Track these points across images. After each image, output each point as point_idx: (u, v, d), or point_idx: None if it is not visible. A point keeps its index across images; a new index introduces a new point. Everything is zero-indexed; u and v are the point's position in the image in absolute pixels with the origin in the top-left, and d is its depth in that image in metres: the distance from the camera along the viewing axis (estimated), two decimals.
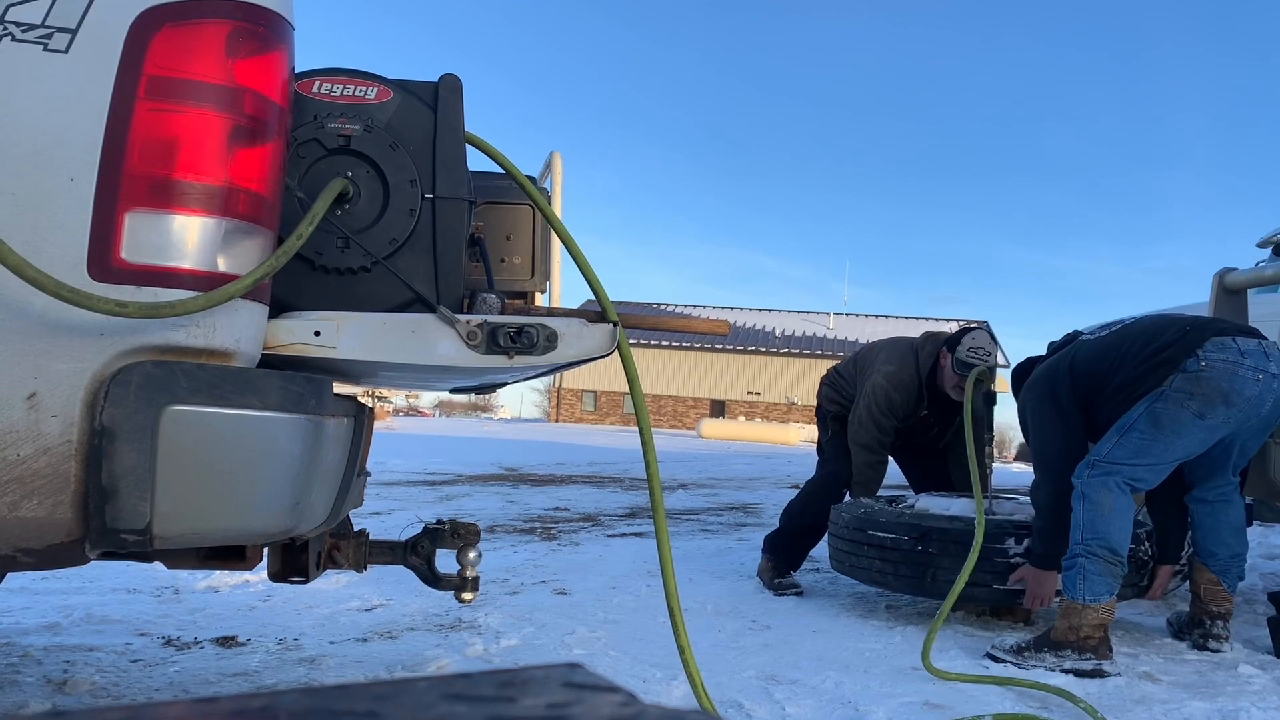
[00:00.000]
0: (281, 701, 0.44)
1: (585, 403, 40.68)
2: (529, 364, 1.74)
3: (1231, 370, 2.97)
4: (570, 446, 17.47)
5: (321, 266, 1.73)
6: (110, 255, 1.39)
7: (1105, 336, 3.33)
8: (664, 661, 2.81)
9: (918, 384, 4.23)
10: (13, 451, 1.36)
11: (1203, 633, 3.29)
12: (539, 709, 0.44)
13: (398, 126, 1.78)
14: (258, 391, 1.44)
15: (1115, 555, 2.99)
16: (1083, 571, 2.99)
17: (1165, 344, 3.08)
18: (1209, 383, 2.96)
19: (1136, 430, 3.05)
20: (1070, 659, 2.91)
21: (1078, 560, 3.01)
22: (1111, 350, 3.24)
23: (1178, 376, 3.00)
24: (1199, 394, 2.97)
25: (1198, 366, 2.98)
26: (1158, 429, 3.02)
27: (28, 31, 1.39)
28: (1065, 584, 3.04)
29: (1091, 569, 2.98)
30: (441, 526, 2.31)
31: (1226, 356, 2.98)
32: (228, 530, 1.49)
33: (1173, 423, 3.00)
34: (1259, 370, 3.00)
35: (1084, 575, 2.98)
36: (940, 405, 4.26)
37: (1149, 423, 3.03)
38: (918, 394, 4.23)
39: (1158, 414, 3.02)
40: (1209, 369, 2.97)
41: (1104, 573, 2.98)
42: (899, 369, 4.24)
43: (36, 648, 2.69)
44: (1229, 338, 3.03)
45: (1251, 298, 4.23)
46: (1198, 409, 2.98)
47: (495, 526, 5.85)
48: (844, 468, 4.29)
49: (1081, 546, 3.01)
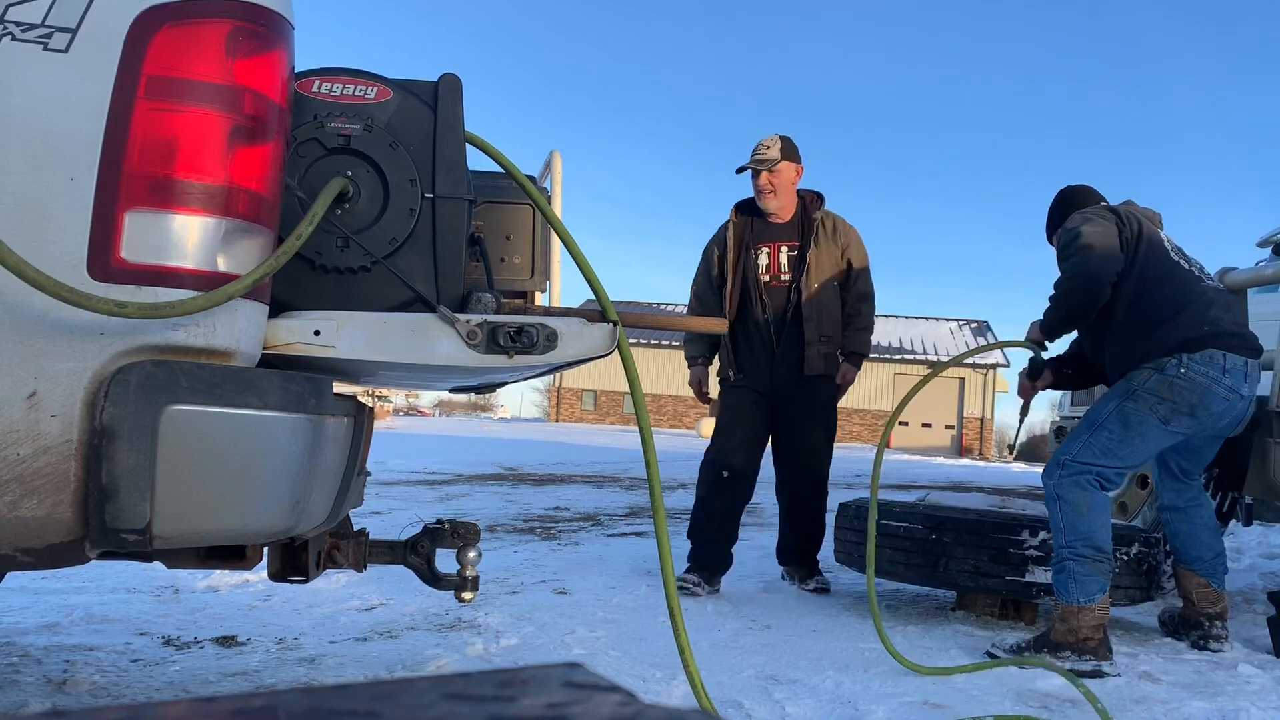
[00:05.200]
0: (281, 701, 0.44)
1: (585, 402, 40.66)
2: (529, 363, 1.74)
3: (1206, 386, 3.00)
4: (570, 446, 17.47)
5: (321, 266, 1.73)
6: (110, 255, 1.39)
7: (1167, 261, 3.18)
8: (664, 661, 2.81)
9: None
10: (13, 451, 1.36)
11: (1201, 634, 3.30)
12: (539, 709, 0.44)
13: (398, 126, 1.78)
14: (258, 391, 1.44)
15: (1101, 553, 3.01)
16: (1072, 574, 2.99)
17: (1168, 324, 3.04)
18: (1181, 392, 3.00)
19: (1106, 429, 3.06)
20: (1070, 660, 2.92)
21: (1065, 564, 3.01)
22: (1161, 276, 3.13)
23: (1153, 377, 3.02)
24: (1168, 400, 3.00)
25: (1176, 372, 3.00)
26: (1126, 429, 3.04)
27: (28, 31, 1.39)
28: (1057, 589, 3.04)
29: (1080, 570, 2.99)
30: (441, 526, 2.31)
31: (1208, 371, 3.00)
32: (228, 530, 1.49)
33: (1139, 425, 3.03)
34: (1232, 390, 3.03)
35: (1074, 578, 2.99)
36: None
37: (1118, 422, 3.05)
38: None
39: (1126, 414, 3.04)
40: (1185, 378, 2.99)
41: (1093, 572, 2.99)
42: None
43: (36, 647, 2.69)
44: (1222, 353, 3.03)
45: (1251, 298, 4.23)
46: (1164, 414, 3.01)
47: (495, 526, 5.85)
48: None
49: (1067, 550, 3.01)
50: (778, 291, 4.14)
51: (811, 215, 4.14)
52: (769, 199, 4.10)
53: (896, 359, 34.35)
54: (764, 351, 4.13)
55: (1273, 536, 5.66)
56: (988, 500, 4.02)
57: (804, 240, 4.11)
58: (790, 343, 4.10)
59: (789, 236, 4.15)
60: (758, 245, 4.16)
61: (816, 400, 4.14)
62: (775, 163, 4.04)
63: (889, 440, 3.60)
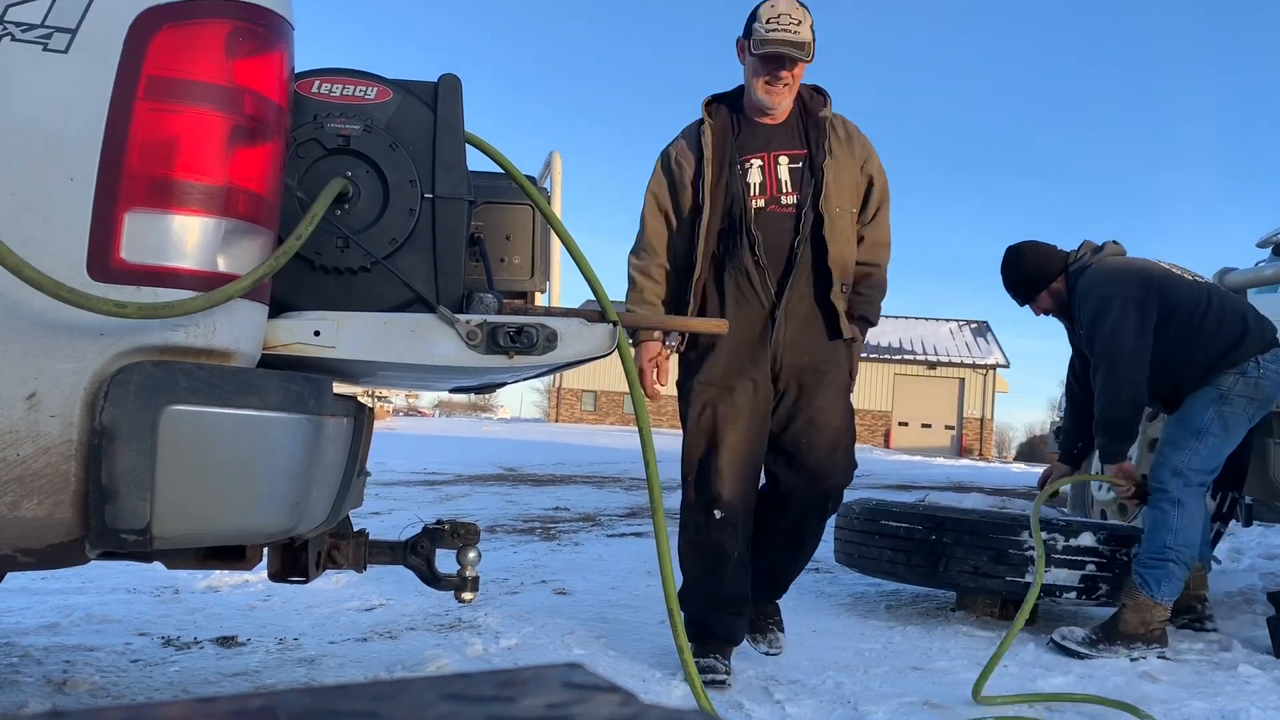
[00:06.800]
0: (281, 701, 0.44)
1: (585, 403, 40.66)
2: (529, 364, 1.74)
3: (1277, 382, 3.29)
4: (570, 446, 17.47)
5: (321, 266, 1.73)
6: (110, 255, 1.38)
7: (1194, 285, 3.38)
8: (664, 661, 2.82)
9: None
10: (13, 451, 1.36)
11: (1195, 617, 3.51)
12: (539, 709, 0.44)
13: (397, 126, 1.78)
14: (257, 391, 1.44)
15: (1193, 561, 3.27)
16: (1170, 575, 3.18)
17: (1236, 337, 3.27)
18: (1264, 389, 3.26)
19: (1211, 434, 3.25)
20: (1140, 650, 3.12)
21: (1169, 565, 3.18)
22: (1196, 306, 3.32)
23: (1240, 381, 3.25)
24: (1256, 399, 3.26)
25: (1258, 373, 3.25)
26: (1226, 431, 3.26)
27: (27, 31, 1.39)
28: (1149, 582, 3.19)
29: (1178, 573, 3.19)
30: (441, 526, 2.31)
31: (1278, 368, 3.28)
32: (227, 530, 1.49)
33: (1236, 426, 3.27)
34: None
35: (1170, 577, 3.18)
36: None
37: (1221, 427, 3.25)
38: None
39: (1226, 417, 3.25)
40: (1265, 376, 3.25)
41: (1182, 576, 3.21)
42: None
43: (36, 648, 2.69)
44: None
45: (1251, 298, 4.23)
46: (1253, 412, 3.28)
47: (495, 526, 5.85)
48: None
49: (1174, 552, 3.19)
50: (778, 221, 2.81)
51: (817, 114, 2.88)
52: (781, 97, 2.81)
53: (896, 359, 34.35)
54: (759, 313, 2.80)
55: (1273, 536, 5.65)
56: (988, 501, 4.03)
57: (811, 147, 2.84)
58: (799, 296, 2.80)
59: (788, 143, 2.85)
60: (744, 157, 2.84)
61: (838, 378, 2.86)
62: (810, 51, 2.75)
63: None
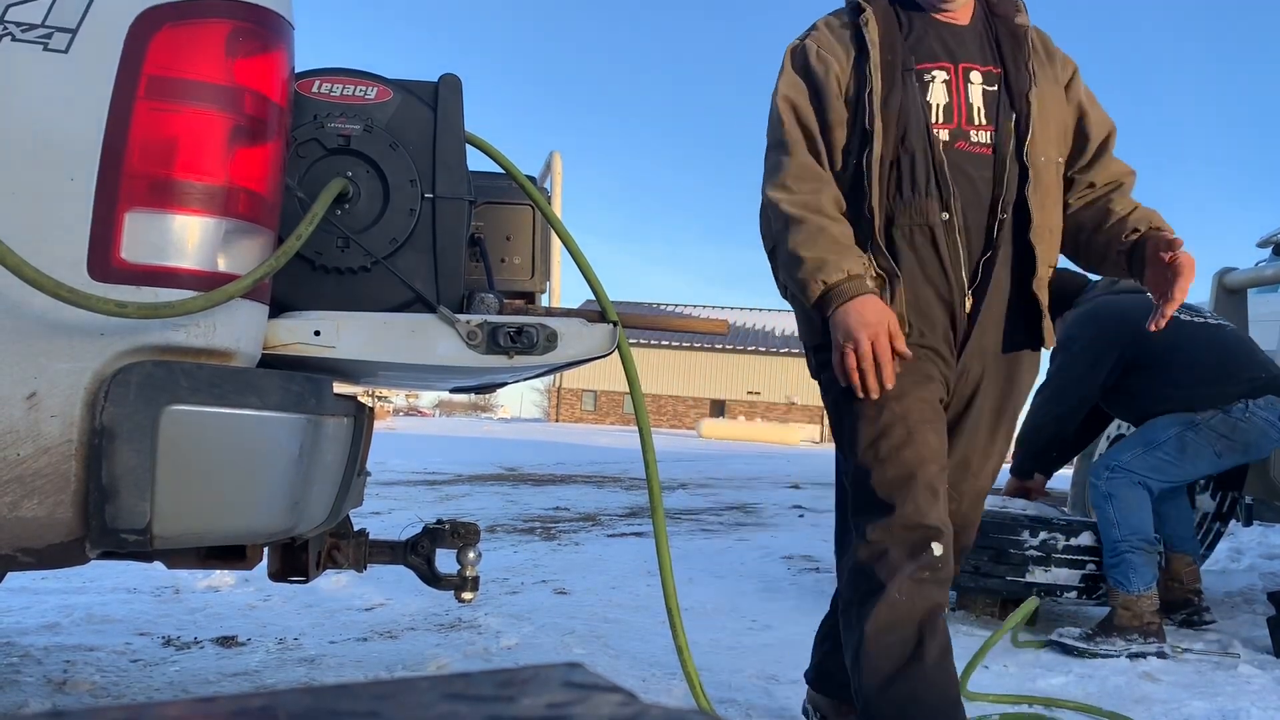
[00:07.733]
0: (281, 701, 0.44)
1: (585, 403, 40.67)
2: (529, 364, 1.74)
3: (1264, 430, 3.25)
4: (570, 446, 17.47)
5: (321, 266, 1.73)
6: (110, 255, 1.38)
7: (1194, 327, 3.41)
8: (664, 661, 2.82)
9: None
10: (13, 451, 1.36)
11: (1192, 611, 3.53)
12: (539, 709, 0.44)
13: (398, 126, 1.78)
14: (258, 391, 1.44)
15: (1151, 544, 3.26)
16: (1132, 565, 3.20)
17: (1219, 379, 3.26)
18: (1242, 433, 3.23)
19: (1162, 450, 3.26)
20: (1137, 643, 3.13)
21: (1125, 556, 3.21)
22: (1187, 344, 3.34)
23: (1218, 415, 3.23)
24: (1227, 438, 3.23)
25: (1242, 415, 3.23)
26: (1181, 455, 3.25)
27: (28, 31, 1.39)
28: (1117, 580, 3.23)
29: (1137, 561, 3.21)
30: (441, 526, 2.31)
31: (1268, 417, 3.24)
32: (228, 530, 1.49)
33: (1195, 455, 3.25)
34: None
35: (1134, 568, 3.20)
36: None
37: (1176, 448, 3.25)
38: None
39: (1186, 442, 3.24)
40: (1248, 421, 3.23)
41: (1147, 562, 3.22)
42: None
43: (36, 648, 2.69)
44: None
45: (1251, 298, 4.23)
46: (1220, 450, 3.25)
47: (495, 526, 5.85)
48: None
49: (1124, 543, 3.22)
50: (971, 165, 1.95)
51: (1011, 19, 2.04)
52: None
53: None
54: (944, 290, 1.96)
55: (1273, 536, 5.65)
56: (987, 500, 4.01)
57: (1008, 65, 1.99)
58: (998, 284, 1.98)
59: (977, 56, 2.00)
60: (922, 65, 1.97)
61: (1012, 405, 2.12)
62: None
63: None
